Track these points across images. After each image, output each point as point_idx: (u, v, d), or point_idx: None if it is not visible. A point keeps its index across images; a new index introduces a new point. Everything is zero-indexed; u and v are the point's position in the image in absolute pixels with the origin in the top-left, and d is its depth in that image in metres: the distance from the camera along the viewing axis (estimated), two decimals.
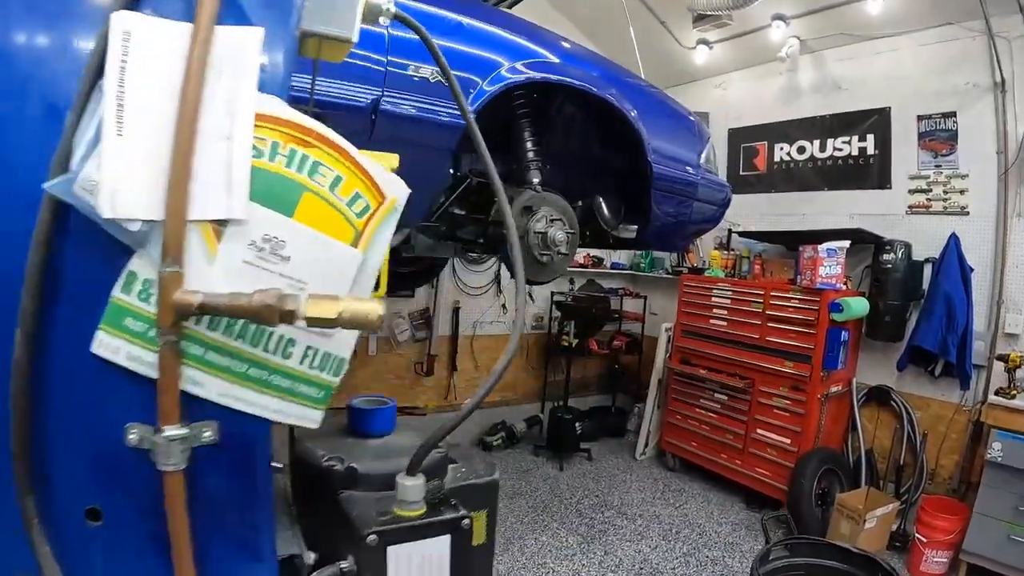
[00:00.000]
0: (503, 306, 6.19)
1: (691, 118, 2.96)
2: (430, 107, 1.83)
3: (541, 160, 2.45)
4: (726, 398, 4.95)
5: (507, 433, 5.92)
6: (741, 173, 5.84)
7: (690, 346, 5.30)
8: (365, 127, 1.74)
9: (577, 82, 2.17)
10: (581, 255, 6.50)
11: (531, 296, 6.34)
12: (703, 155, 2.93)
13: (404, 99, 1.79)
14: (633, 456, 5.80)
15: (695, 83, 6.18)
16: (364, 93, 1.72)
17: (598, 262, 6.68)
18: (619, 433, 6.42)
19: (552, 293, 6.30)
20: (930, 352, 4.23)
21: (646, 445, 5.79)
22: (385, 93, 1.75)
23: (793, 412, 4.46)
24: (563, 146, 2.76)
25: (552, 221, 2.33)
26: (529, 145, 2.40)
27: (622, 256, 6.97)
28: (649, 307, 6.74)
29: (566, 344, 6.04)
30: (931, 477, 4.34)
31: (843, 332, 4.31)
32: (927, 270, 4.43)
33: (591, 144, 2.79)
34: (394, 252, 3.34)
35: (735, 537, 4.23)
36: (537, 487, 4.99)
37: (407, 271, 3.84)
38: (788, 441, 4.46)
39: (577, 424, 5.65)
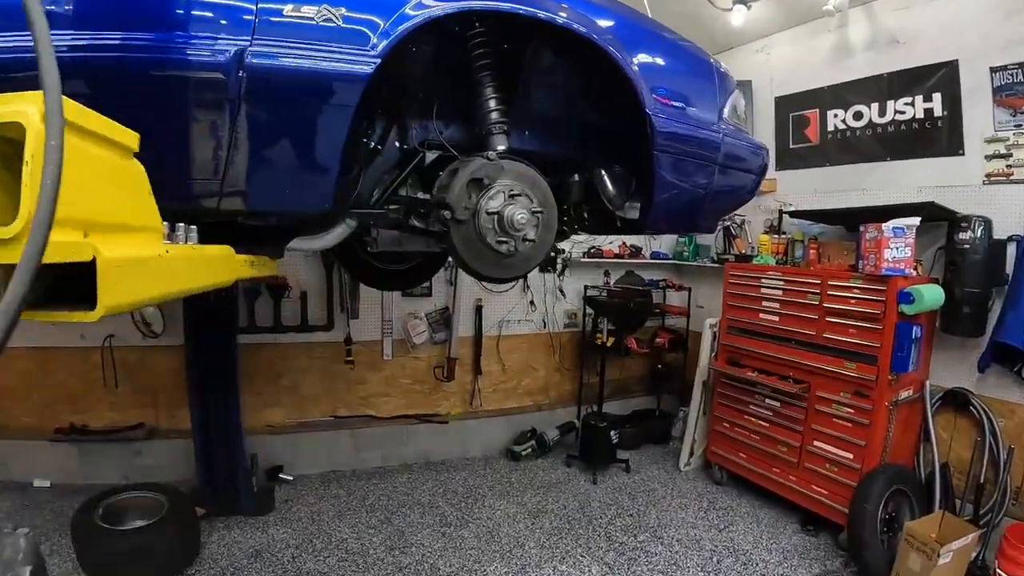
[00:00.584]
0: (531, 303, 5.73)
1: (708, 60, 2.34)
2: (316, 55, 1.41)
3: (509, 121, 1.98)
4: (778, 404, 4.34)
5: (537, 442, 5.47)
6: (791, 146, 5.18)
7: (737, 344, 4.72)
8: (230, 86, 1.34)
9: (506, 5, 1.63)
10: (617, 244, 5.95)
11: (562, 292, 5.86)
12: (727, 107, 2.32)
13: (280, 48, 1.38)
14: (677, 467, 5.25)
15: (733, 50, 5.56)
16: (223, 44, 1.33)
17: (636, 252, 6.11)
18: (664, 439, 5.89)
19: (585, 287, 5.79)
20: (1017, 349, 3.55)
21: (691, 455, 5.23)
22: (254, 42, 1.35)
23: (856, 422, 3.83)
24: (549, 105, 2.25)
25: (512, 197, 1.85)
26: (492, 104, 1.93)
27: (663, 244, 6.37)
28: (695, 300, 6.12)
29: (600, 343, 5.53)
30: (1016, 497, 3.65)
31: (915, 327, 3.64)
32: (1011, 250, 3.73)
33: (582, 99, 2.27)
34: (363, 247, 2.97)
35: (785, 568, 3.63)
36: (565, 504, 4.51)
37: (397, 268, 3.42)
38: (850, 456, 3.83)
39: (612, 432, 5.17)
